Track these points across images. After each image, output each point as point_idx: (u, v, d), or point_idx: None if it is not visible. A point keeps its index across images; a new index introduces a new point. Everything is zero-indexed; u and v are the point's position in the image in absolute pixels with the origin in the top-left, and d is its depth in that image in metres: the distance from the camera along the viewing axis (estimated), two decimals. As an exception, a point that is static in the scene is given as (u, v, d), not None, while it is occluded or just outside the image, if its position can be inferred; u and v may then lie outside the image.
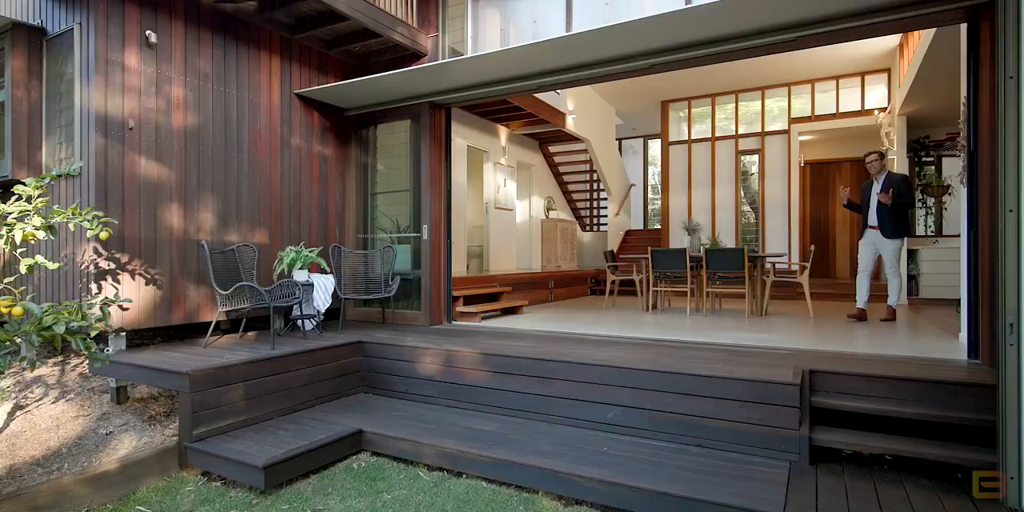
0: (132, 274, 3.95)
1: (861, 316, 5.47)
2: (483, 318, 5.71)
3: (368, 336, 4.57)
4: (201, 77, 4.40)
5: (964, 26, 3.82)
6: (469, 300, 5.95)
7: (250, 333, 4.77)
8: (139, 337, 4.39)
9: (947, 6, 3.38)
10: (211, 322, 4.29)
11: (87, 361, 3.88)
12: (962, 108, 3.88)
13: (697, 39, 3.97)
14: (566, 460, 2.91)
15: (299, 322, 4.72)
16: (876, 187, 5.31)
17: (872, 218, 5.35)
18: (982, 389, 2.84)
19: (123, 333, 3.97)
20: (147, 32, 4.02)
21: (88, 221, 3.33)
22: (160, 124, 4.14)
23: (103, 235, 3.35)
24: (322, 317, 4.88)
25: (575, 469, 2.79)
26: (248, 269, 4.47)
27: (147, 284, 4.04)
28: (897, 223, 5.17)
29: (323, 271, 4.91)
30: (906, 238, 5.22)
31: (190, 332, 4.74)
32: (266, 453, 3.03)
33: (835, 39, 3.81)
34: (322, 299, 4.71)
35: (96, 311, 3.43)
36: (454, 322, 5.52)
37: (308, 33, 5.08)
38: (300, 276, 4.67)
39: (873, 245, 5.35)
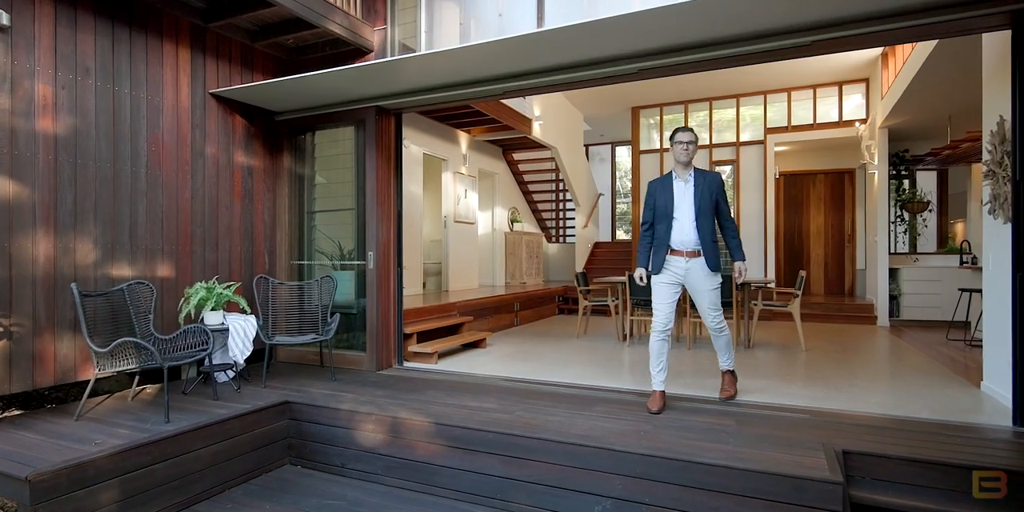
0: (-26, 328, 3.01)
1: (661, 405, 3.27)
2: (440, 356, 4.94)
3: (299, 392, 3.74)
4: (80, 72, 3.48)
5: (993, 35, 3.35)
6: (424, 335, 5.17)
7: (147, 389, 3.86)
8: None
9: (989, 10, 2.85)
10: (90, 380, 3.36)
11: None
12: (993, 128, 3.39)
13: (696, 41, 3.33)
14: (546, 587, 2.21)
15: (213, 373, 3.85)
16: (685, 188, 3.34)
17: (688, 237, 3.28)
18: (1060, 484, 2.30)
19: (-39, 406, 3.03)
20: (-4, 11, 3.09)
21: None
22: (18, 130, 3.20)
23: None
24: (242, 365, 4.02)
25: (559, 608, 2.08)
26: (143, 313, 3.57)
27: (-2, 339, 3.11)
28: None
29: (243, 311, 4.04)
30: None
31: (70, 387, 3.80)
32: (136, 592, 2.20)
33: (854, 45, 3.25)
34: (240, 347, 3.84)
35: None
36: (406, 363, 4.73)
37: (227, 20, 4.19)
38: (213, 319, 3.80)
39: (679, 284, 3.33)
